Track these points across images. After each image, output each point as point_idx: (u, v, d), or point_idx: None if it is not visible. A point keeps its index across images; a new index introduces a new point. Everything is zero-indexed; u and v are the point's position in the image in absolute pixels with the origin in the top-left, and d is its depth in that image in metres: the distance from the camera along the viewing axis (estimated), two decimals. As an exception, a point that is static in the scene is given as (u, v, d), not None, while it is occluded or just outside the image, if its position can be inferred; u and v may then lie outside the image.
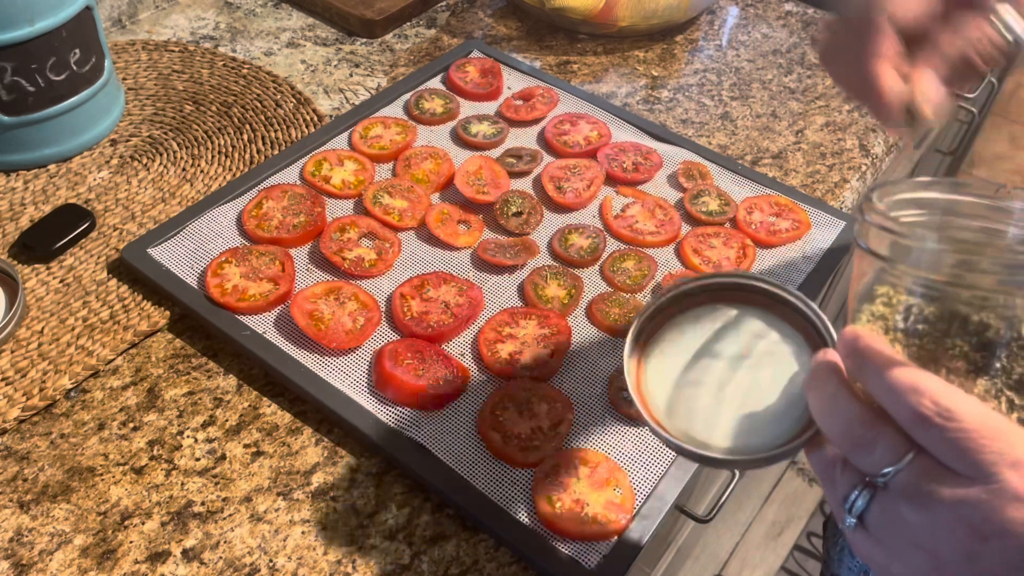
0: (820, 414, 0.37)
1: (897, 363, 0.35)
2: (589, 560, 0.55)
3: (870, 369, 0.36)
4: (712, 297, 0.47)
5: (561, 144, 0.85)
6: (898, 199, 0.40)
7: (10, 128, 0.77)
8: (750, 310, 0.46)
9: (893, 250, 0.37)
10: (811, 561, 1.71)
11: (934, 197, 0.40)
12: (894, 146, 0.94)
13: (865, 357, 0.36)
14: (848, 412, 0.36)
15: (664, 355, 0.46)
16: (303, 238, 0.73)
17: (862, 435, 0.35)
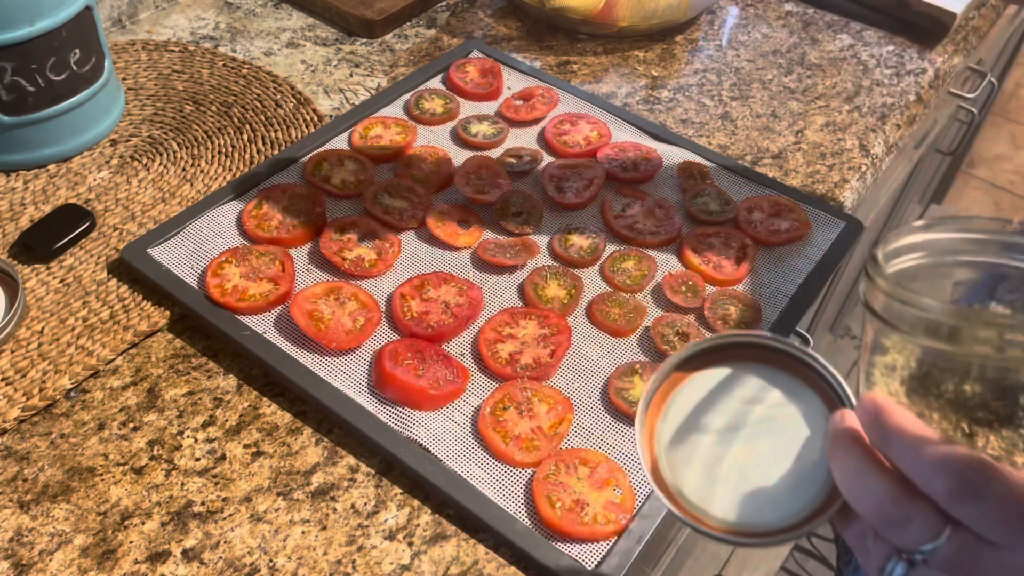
0: (848, 490, 0.36)
1: (924, 438, 0.33)
2: (589, 560, 0.55)
3: (896, 445, 0.34)
4: (718, 358, 0.44)
5: (561, 144, 0.85)
6: (900, 245, 0.39)
7: (10, 128, 0.77)
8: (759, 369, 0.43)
9: (889, 314, 0.36)
10: (811, 561, 1.71)
11: (936, 238, 0.39)
12: (894, 146, 0.94)
13: (889, 430, 0.35)
14: (878, 489, 0.34)
15: (673, 426, 0.43)
16: (303, 238, 0.73)
17: (895, 513, 0.34)
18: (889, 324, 0.36)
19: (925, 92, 1.00)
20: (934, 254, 0.39)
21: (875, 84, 1.00)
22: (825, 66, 1.02)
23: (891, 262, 0.39)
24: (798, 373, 0.42)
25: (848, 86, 0.99)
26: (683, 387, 0.44)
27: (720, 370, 0.43)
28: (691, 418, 0.43)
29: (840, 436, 0.37)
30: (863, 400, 0.36)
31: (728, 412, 0.42)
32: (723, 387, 0.43)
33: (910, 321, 0.36)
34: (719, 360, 0.44)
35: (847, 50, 1.05)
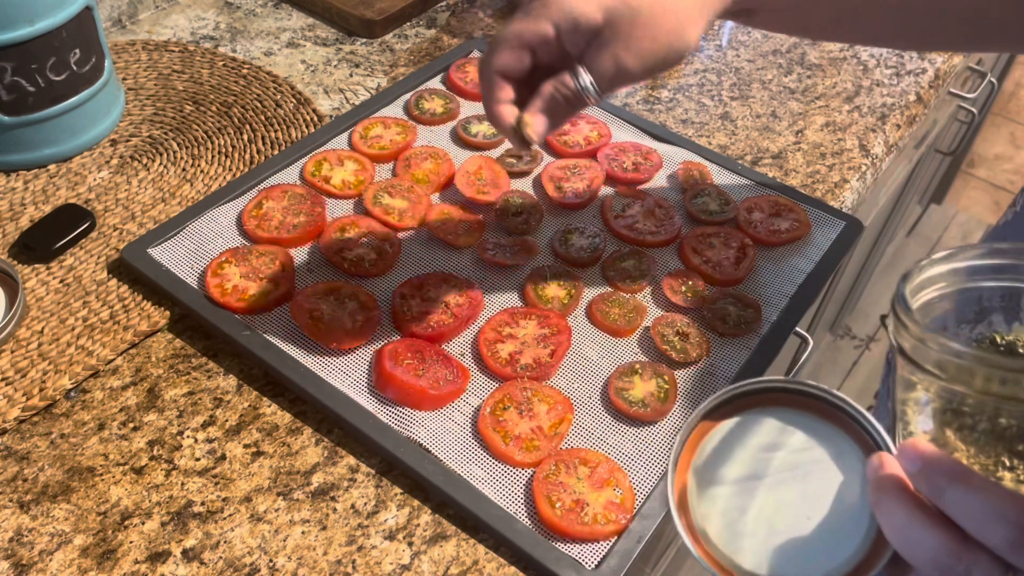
0: (900, 543, 0.35)
1: (976, 487, 0.33)
2: (589, 560, 0.55)
3: (949, 496, 0.33)
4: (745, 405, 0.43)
5: (561, 144, 0.85)
6: (924, 278, 0.38)
7: (10, 128, 0.77)
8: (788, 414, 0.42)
9: (918, 356, 0.36)
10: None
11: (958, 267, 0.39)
12: (894, 146, 0.94)
13: (938, 481, 0.34)
14: (933, 542, 0.33)
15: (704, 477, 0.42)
16: (303, 238, 0.73)
17: (952, 565, 0.33)
18: (919, 366, 0.36)
19: (925, 92, 1.00)
20: (956, 282, 0.39)
21: (875, 84, 1.00)
22: (825, 66, 1.02)
23: (916, 296, 0.38)
24: (828, 416, 0.41)
25: (848, 86, 0.99)
26: (711, 437, 0.43)
27: (747, 417, 0.42)
28: (721, 468, 0.42)
29: (884, 485, 0.36)
30: (906, 448, 0.35)
31: (756, 460, 0.41)
32: (751, 434, 0.42)
33: (938, 363, 0.35)
34: (746, 407, 0.43)
35: (847, 50, 1.05)
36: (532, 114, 0.54)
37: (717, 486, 0.41)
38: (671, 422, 0.63)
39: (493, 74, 0.55)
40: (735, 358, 0.68)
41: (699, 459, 0.42)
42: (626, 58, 0.52)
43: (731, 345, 0.69)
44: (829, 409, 0.41)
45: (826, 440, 0.41)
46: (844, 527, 0.38)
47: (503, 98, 0.55)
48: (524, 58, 0.54)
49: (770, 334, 0.70)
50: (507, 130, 0.55)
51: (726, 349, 0.69)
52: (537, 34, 0.53)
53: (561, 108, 0.54)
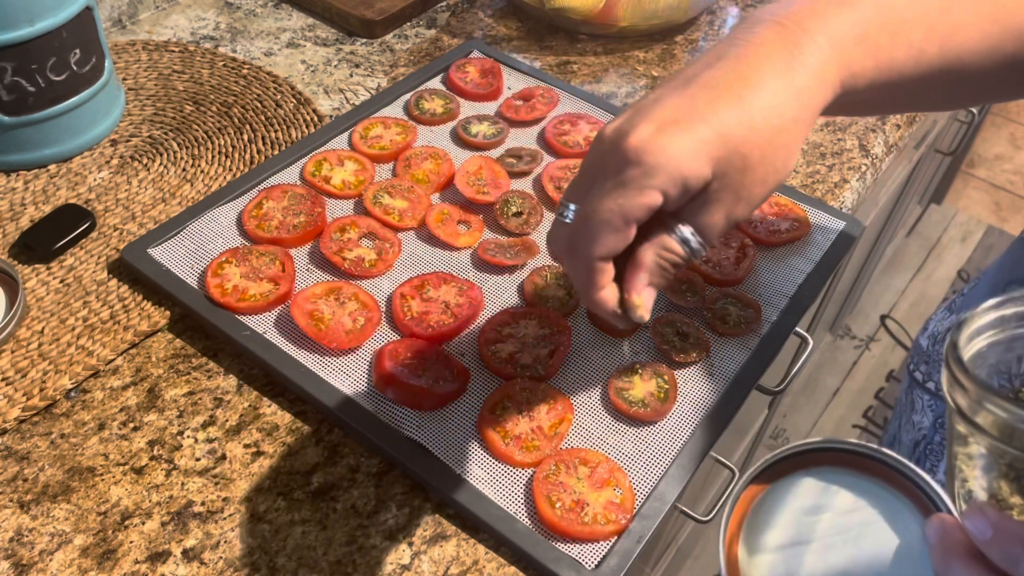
0: None
1: None
2: (589, 560, 0.55)
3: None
4: (786, 468, 0.42)
5: (561, 144, 0.85)
6: (975, 327, 0.37)
7: (10, 128, 0.77)
8: (837, 475, 0.41)
9: (973, 413, 0.35)
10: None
11: (1009, 313, 0.38)
12: (894, 146, 0.94)
13: (1013, 548, 0.33)
14: None
15: (751, 542, 0.41)
16: (303, 238, 0.73)
17: None
18: (970, 422, 0.35)
19: (925, 92, 1.00)
20: (1007, 329, 0.38)
21: (875, 84, 1.00)
22: (825, 66, 1.02)
23: (967, 346, 0.37)
24: (877, 473, 0.40)
25: (848, 86, 0.99)
26: (759, 503, 0.42)
27: (793, 478, 0.42)
28: (767, 534, 0.41)
29: (952, 552, 0.35)
30: (974, 515, 0.34)
31: (802, 524, 0.40)
32: (798, 494, 0.41)
33: (994, 424, 0.34)
34: (792, 469, 0.42)
35: (847, 50, 1.05)
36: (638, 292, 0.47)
37: (764, 553, 0.40)
38: (671, 422, 0.63)
39: (595, 261, 0.46)
40: (735, 358, 0.68)
41: (749, 525, 0.41)
42: (737, 210, 0.46)
43: (731, 345, 0.69)
44: (879, 467, 0.40)
45: (876, 499, 0.40)
46: None
47: (606, 283, 0.47)
48: (629, 236, 0.46)
49: (770, 334, 0.70)
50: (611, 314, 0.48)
51: (726, 349, 0.69)
52: (645, 208, 0.44)
53: (667, 274, 0.48)
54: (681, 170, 0.43)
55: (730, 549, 0.41)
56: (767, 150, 0.45)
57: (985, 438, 0.35)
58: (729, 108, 0.44)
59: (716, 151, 0.44)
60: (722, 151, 0.44)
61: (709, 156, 0.44)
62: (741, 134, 0.44)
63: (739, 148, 0.44)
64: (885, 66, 0.49)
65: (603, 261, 0.47)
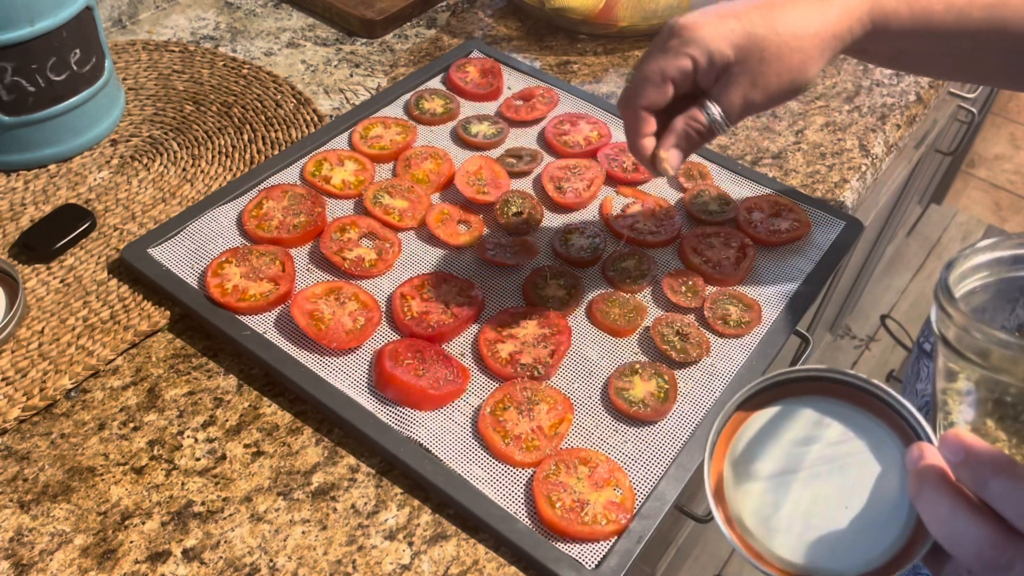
0: (941, 534, 0.35)
1: (1019, 476, 0.33)
2: (589, 560, 0.55)
3: (993, 488, 0.33)
4: (780, 394, 0.43)
5: (561, 144, 0.85)
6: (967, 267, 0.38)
7: (10, 128, 0.77)
8: (823, 404, 0.42)
9: (962, 345, 0.36)
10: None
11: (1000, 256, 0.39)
12: (894, 146, 0.94)
13: (983, 473, 0.34)
14: (976, 535, 0.33)
15: (741, 469, 0.42)
16: (303, 238, 0.73)
17: (996, 558, 0.33)
18: (961, 355, 0.36)
19: (925, 92, 1.00)
20: (999, 271, 0.39)
21: (875, 84, 1.00)
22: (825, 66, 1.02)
23: (959, 286, 0.38)
24: (864, 404, 0.41)
25: (848, 86, 0.99)
26: (746, 427, 0.42)
27: (784, 407, 0.42)
28: (756, 463, 0.41)
29: (925, 475, 0.36)
30: (948, 439, 0.35)
31: (791, 455, 0.41)
32: (787, 427, 0.42)
33: (981, 352, 0.35)
34: (782, 395, 0.43)
35: (847, 50, 1.05)
36: (667, 149, 0.59)
37: (752, 481, 0.41)
38: (671, 422, 0.63)
39: (639, 110, 0.59)
40: (735, 358, 0.68)
41: (735, 451, 0.42)
42: (753, 94, 0.57)
43: (731, 345, 0.69)
44: (867, 397, 0.41)
45: (863, 431, 0.41)
46: (882, 518, 0.38)
47: (647, 132, 0.60)
48: (667, 92, 0.58)
49: (770, 334, 0.70)
50: (646, 161, 0.60)
51: (726, 349, 0.69)
52: (679, 69, 0.57)
53: (693, 141, 0.59)
54: (709, 45, 0.56)
55: (716, 469, 0.42)
56: (784, 50, 0.56)
57: (974, 369, 0.36)
58: (759, 14, 0.56)
59: (739, 40, 0.56)
60: (744, 41, 0.56)
61: (733, 42, 0.56)
62: (763, 33, 0.56)
63: (759, 42, 0.56)
64: (922, 15, 0.58)
65: (646, 111, 0.59)
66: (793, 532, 0.39)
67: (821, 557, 0.39)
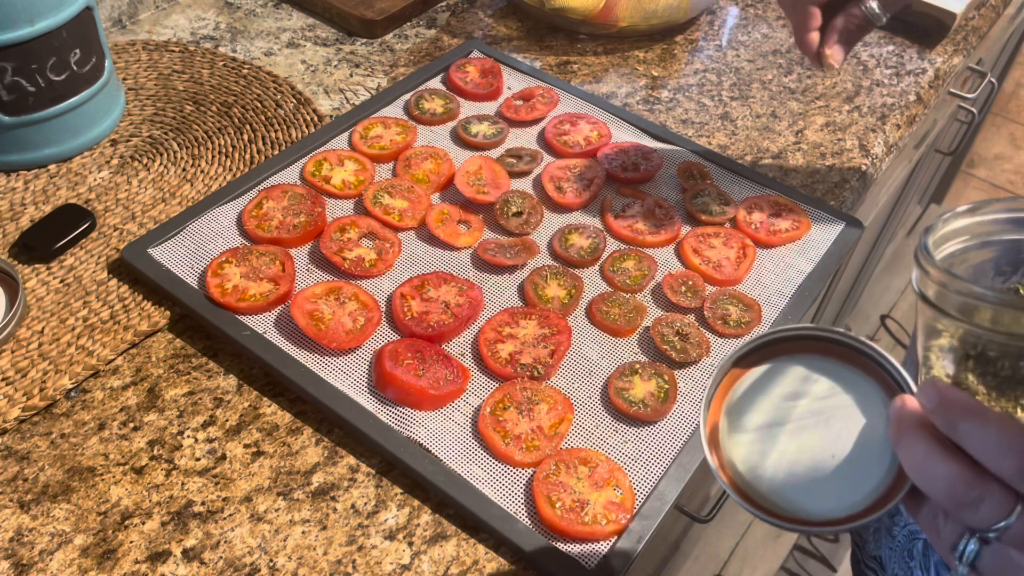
0: (916, 475, 0.37)
1: (990, 420, 0.35)
2: (589, 560, 0.55)
3: (964, 429, 0.35)
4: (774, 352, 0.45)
5: (561, 144, 0.85)
6: (948, 230, 0.40)
7: (10, 128, 0.77)
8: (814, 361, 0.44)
9: (942, 301, 0.37)
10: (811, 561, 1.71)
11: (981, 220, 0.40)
12: (894, 146, 0.94)
13: (954, 415, 0.36)
14: (948, 473, 0.35)
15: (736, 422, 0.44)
16: (303, 238, 0.73)
17: (965, 494, 0.35)
18: (942, 311, 0.37)
19: (925, 92, 1.00)
20: (979, 235, 0.40)
21: (875, 84, 1.00)
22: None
23: (939, 248, 0.40)
24: (853, 362, 0.43)
25: (848, 86, 0.99)
26: (741, 383, 0.45)
27: (776, 364, 0.44)
28: (747, 416, 0.44)
29: (904, 422, 0.38)
30: (925, 386, 0.37)
31: (780, 408, 0.43)
32: (777, 383, 0.44)
33: (961, 308, 0.36)
34: (775, 354, 0.45)
35: (847, 50, 1.05)
36: (830, 46, 0.69)
37: (744, 432, 0.43)
38: (671, 422, 0.63)
39: (807, 6, 0.68)
40: (735, 358, 0.68)
41: (729, 403, 0.44)
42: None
43: (731, 345, 0.69)
44: (856, 356, 0.43)
45: (851, 386, 0.42)
46: (866, 465, 0.40)
47: (813, 27, 0.69)
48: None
49: (770, 334, 0.70)
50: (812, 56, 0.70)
51: (726, 349, 0.69)
52: None
53: (853, 35, 0.69)
54: None
55: (712, 419, 0.44)
56: None
57: (957, 325, 0.37)
58: None
59: None
60: None
61: None
62: None
63: None
64: None
65: (813, 6, 0.69)
66: (780, 478, 0.41)
67: (807, 500, 0.41)
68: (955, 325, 0.37)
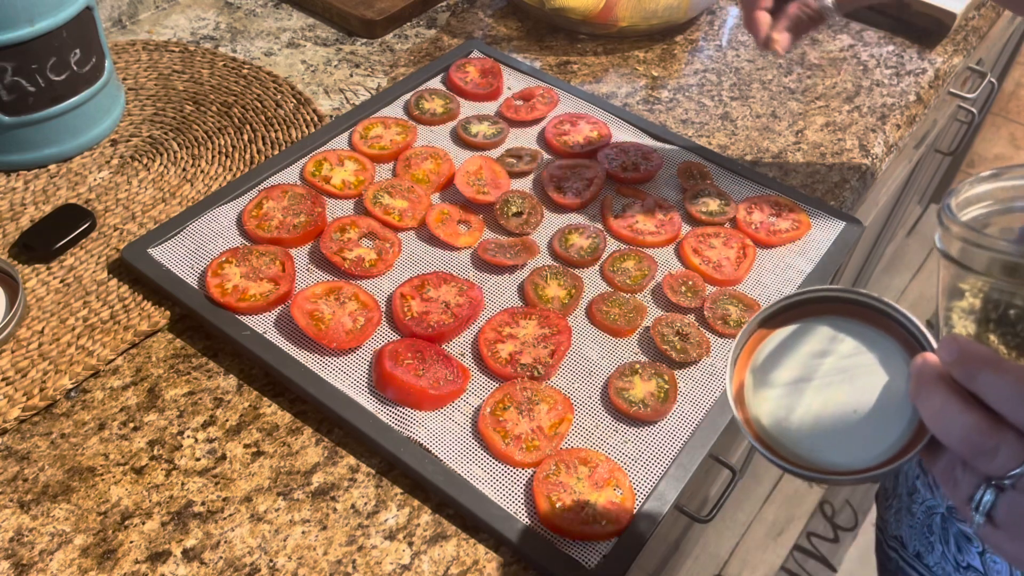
0: (935, 425, 0.38)
1: (1008, 370, 0.36)
2: (589, 560, 0.55)
3: (981, 379, 0.36)
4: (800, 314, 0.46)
5: (561, 144, 0.85)
6: (971, 194, 0.41)
7: (10, 128, 0.77)
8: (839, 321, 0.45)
9: (965, 258, 0.38)
10: (811, 561, 1.71)
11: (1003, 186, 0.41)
12: (894, 146, 0.94)
13: (972, 366, 0.37)
14: (964, 421, 0.36)
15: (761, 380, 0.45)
16: (303, 238, 0.73)
17: (982, 443, 0.36)
18: (965, 267, 0.38)
19: (925, 92, 1.00)
20: (1001, 201, 0.41)
21: (875, 84, 1.00)
22: (825, 66, 1.02)
23: (963, 211, 0.41)
24: (877, 323, 0.44)
25: (848, 86, 0.99)
26: (767, 342, 0.46)
27: (802, 325, 0.45)
28: (774, 372, 0.45)
29: (924, 376, 0.39)
30: (945, 340, 0.38)
31: (807, 365, 0.44)
32: (804, 342, 0.45)
33: (985, 263, 0.37)
34: (801, 315, 0.46)
35: (847, 50, 1.05)
36: (779, 32, 0.69)
37: (770, 388, 0.44)
38: (671, 422, 0.63)
39: None
40: (735, 358, 0.68)
41: (755, 362, 0.46)
42: None
43: (731, 345, 0.69)
44: (880, 317, 0.44)
45: (875, 345, 0.43)
46: (887, 419, 0.41)
47: (764, 4, 0.69)
48: None
49: (770, 334, 0.70)
50: (759, 38, 0.70)
51: (726, 349, 0.69)
52: None
53: (804, 25, 0.69)
54: None
55: (737, 377, 0.45)
56: None
57: (982, 281, 0.38)
58: None
59: None
60: None
61: None
62: None
63: None
64: None
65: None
66: (805, 431, 0.43)
67: (830, 453, 0.42)
68: (981, 281, 0.38)
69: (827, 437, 0.42)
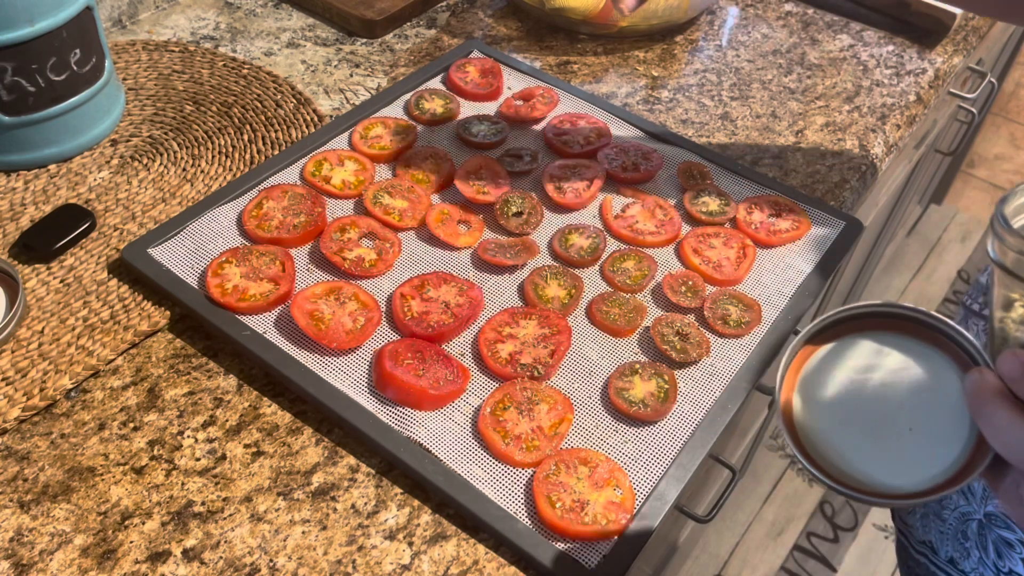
0: (999, 442, 0.37)
1: None
2: (589, 560, 0.55)
3: None
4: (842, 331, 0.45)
5: (561, 144, 0.85)
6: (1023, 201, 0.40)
7: (10, 128, 0.77)
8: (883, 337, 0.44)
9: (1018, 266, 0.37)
10: (811, 561, 1.71)
11: None
12: (894, 146, 0.94)
13: None
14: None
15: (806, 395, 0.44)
16: (303, 238, 0.73)
17: None
18: (1020, 278, 0.37)
19: (925, 92, 1.00)
20: None
21: (875, 84, 1.00)
22: (825, 66, 1.02)
23: (1016, 218, 0.40)
24: (924, 337, 0.43)
25: (848, 86, 0.99)
26: (812, 360, 0.45)
27: (849, 339, 0.44)
28: (822, 390, 0.44)
29: (984, 392, 0.38)
30: (1007, 356, 0.37)
31: (855, 381, 0.43)
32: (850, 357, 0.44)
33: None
34: (846, 332, 0.45)
35: (847, 50, 1.05)
36: None
37: (819, 406, 0.43)
38: (671, 422, 0.63)
39: None
40: (735, 358, 0.68)
41: (802, 380, 0.44)
42: None
43: (731, 345, 0.69)
44: (926, 330, 0.43)
45: (923, 359, 0.42)
46: (944, 437, 0.40)
47: None
48: None
49: (770, 334, 0.70)
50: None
51: (726, 349, 0.69)
52: None
53: None
54: None
55: (785, 397, 0.44)
56: None
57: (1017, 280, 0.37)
58: None
59: None
60: None
61: None
62: None
63: None
64: None
65: None
66: (858, 452, 0.41)
67: (886, 474, 0.41)
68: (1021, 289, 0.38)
69: (880, 458, 0.41)
